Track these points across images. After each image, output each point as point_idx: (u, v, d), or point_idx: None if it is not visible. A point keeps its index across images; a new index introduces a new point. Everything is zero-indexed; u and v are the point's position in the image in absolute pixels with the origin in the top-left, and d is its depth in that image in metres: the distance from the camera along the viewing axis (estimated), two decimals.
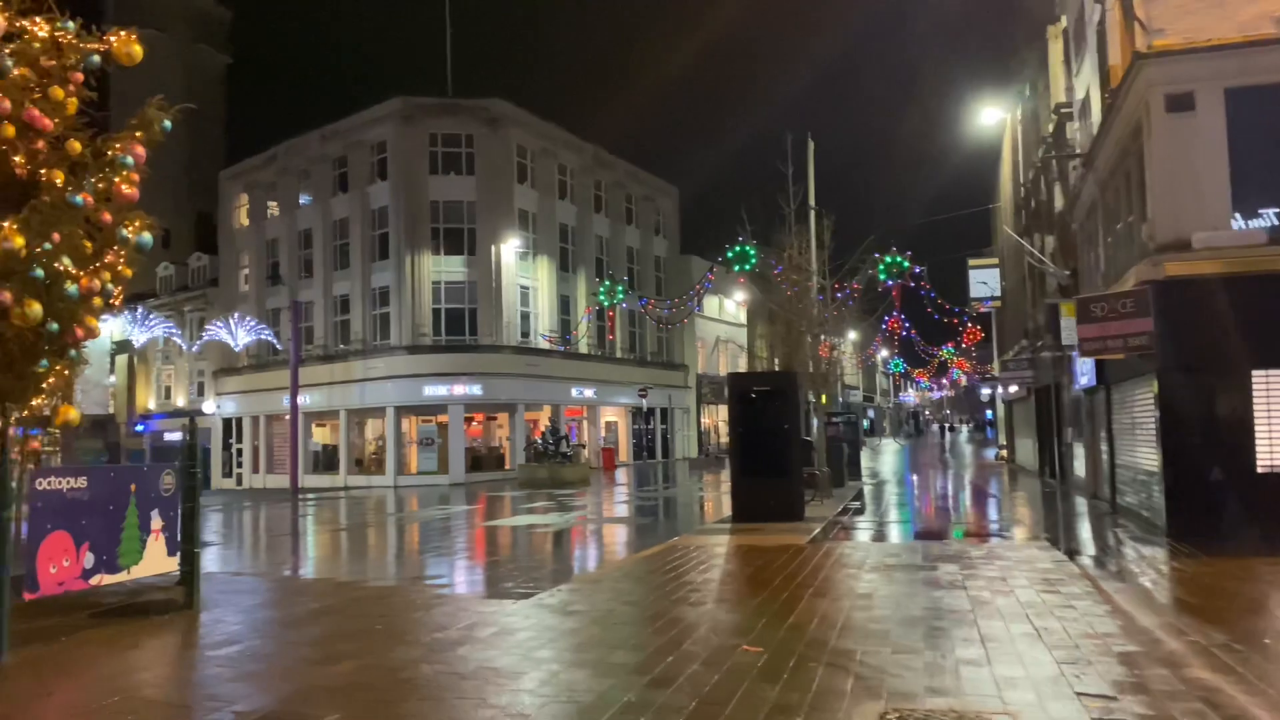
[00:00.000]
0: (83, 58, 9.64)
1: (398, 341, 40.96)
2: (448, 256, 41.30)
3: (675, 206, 58.06)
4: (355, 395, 41.85)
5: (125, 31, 9.72)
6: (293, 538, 20.19)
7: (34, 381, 9.41)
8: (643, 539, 16.12)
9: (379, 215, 42.27)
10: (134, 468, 8.49)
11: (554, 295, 45.10)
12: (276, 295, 46.52)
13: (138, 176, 10.00)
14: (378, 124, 42.09)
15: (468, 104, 41.76)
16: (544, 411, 44.09)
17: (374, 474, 41.67)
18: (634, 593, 9.59)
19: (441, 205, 41.32)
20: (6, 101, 8.28)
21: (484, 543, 17.01)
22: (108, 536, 7.69)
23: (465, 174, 41.66)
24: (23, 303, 8.35)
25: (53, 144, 9.32)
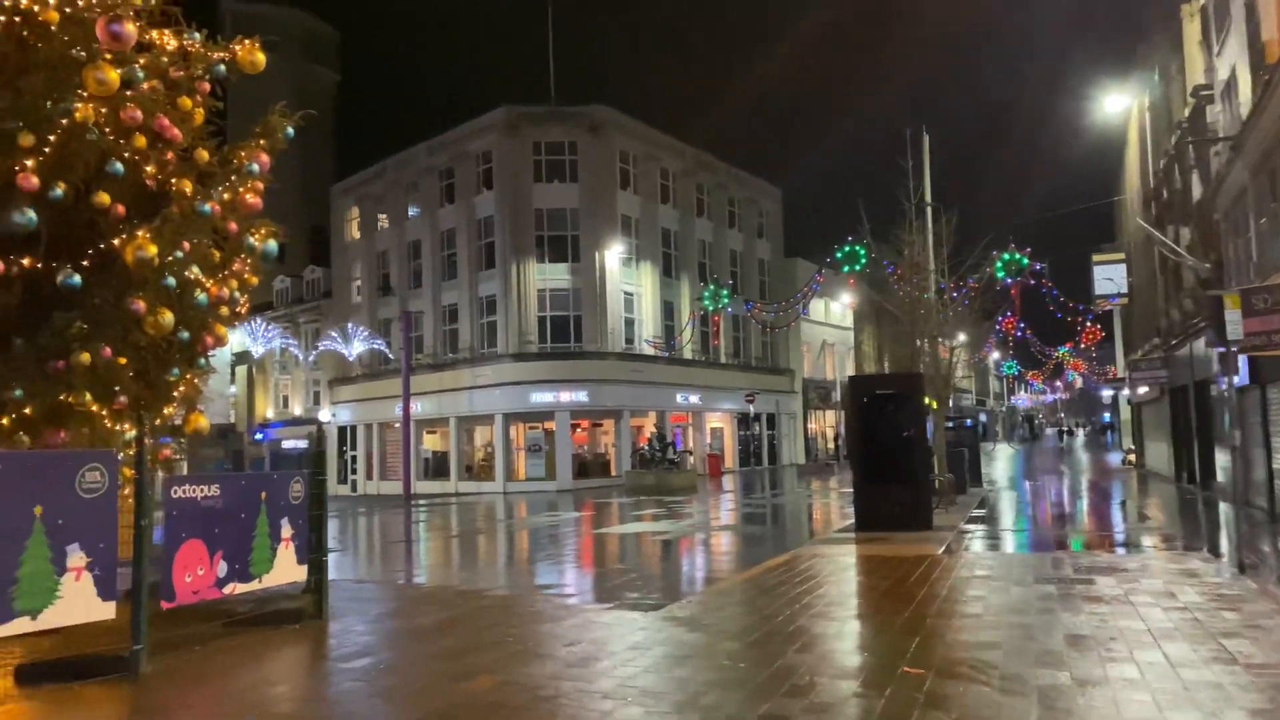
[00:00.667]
0: (209, 67, 9.71)
1: (504, 349, 41.31)
2: (552, 264, 41.48)
3: (779, 208, 57.24)
4: (464, 403, 42.36)
5: (249, 40, 9.75)
6: (410, 544, 20.34)
7: (166, 390, 9.49)
8: (762, 548, 15.61)
9: (485, 225, 42.76)
10: (264, 475, 8.44)
11: (657, 301, 44.86)
12: (387, 306, 47.54)
13: (262, 185, 10.04)
14: (482, 134, 42.60)
15: (570, 111, 41.91)
16: (649, 418, 43.85)
17: (484, 480, 42.09)
18: (768, 606, 9.12)
19: (545, 213, 41.55)
20: (138, 112, 8.33)
21: (599, 551, 16.76)
22: (240, 545, 7.63)
23: (569, 181, 41.80)
24: (156, 311, 8.38)
25: (181, 154, 9.39)
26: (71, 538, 6.12)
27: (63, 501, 6.10)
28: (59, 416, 8.27)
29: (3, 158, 7.88)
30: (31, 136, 7.94)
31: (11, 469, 5.93)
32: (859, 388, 16.99)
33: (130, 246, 7.95)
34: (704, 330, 47.71)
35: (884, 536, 14.92)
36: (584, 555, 16.18)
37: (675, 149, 47.23)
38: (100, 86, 7.85)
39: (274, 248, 9.94)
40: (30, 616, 5.86)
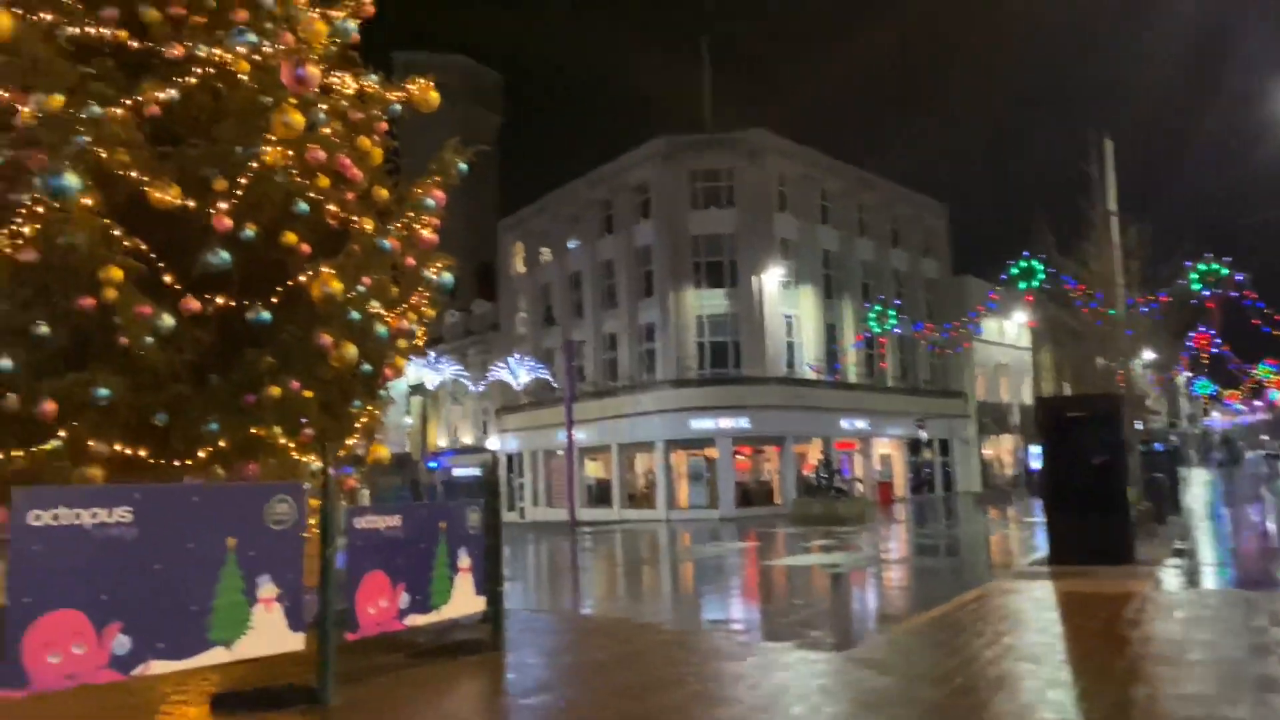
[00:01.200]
0: (386, 108, 10.00)
1: (664, 376, 41.36)
2: (709, 290, 41.34)
3: (945, 225, 55.21)
4: (625, 430, 42.60)
5: (422, 80, 9.98)
6: (579, 572, 20.38)
7: (349, 422, 9.72)
8: (944, 583, 14.72)
9: (643, 253, 43.09)
10: (443, 505, 8.47)
11: (819, 324, 43.94)
12: (551, 336, 48.55)
13: (437, 221, 10.23)
14: (640, 165, 43.06)
15: (727, 138, 41.84)
16: (813, 445, 42.87)
17: (646, 508, 42.11)
18: (964, 648, 8.44)
19: (702, 239, 41.50)
20: (321, 153, 8.61)
21: (770, 583, 16.24)
22: (420, 576, 7.64)
23: (725, 207, 41.66)
24: (340, 345, 8.59)
25: (361, 193, 9.66)
26: (262, 569, 6.21)
27: (254, 533, 6.21)
28: (250, 449, 8.55)
29: (199, 202, 8.24)
30: (225, 181, 8.29)
31: (208, 501, 6.08)
32: (1049, 410, 15.87)
33: (316, 283, 8.18)
34: (869, 353, 46.37)
35: (1082, 571, 13.77)
36: (755, 588, 15.72)
37: (834, 169, 46.35)
38: (287, 130, 8.14)
39: (449, 280, 10.09)
40: (225, 647, 5.96)
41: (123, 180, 8.03)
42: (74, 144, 7.56)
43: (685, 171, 41.72)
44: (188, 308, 7.91)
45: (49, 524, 5.32)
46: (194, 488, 6.64)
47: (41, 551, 5.30)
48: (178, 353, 8.18)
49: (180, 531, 5.82)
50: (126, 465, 7.94)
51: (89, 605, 5.41)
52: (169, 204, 7.97)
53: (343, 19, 9.86)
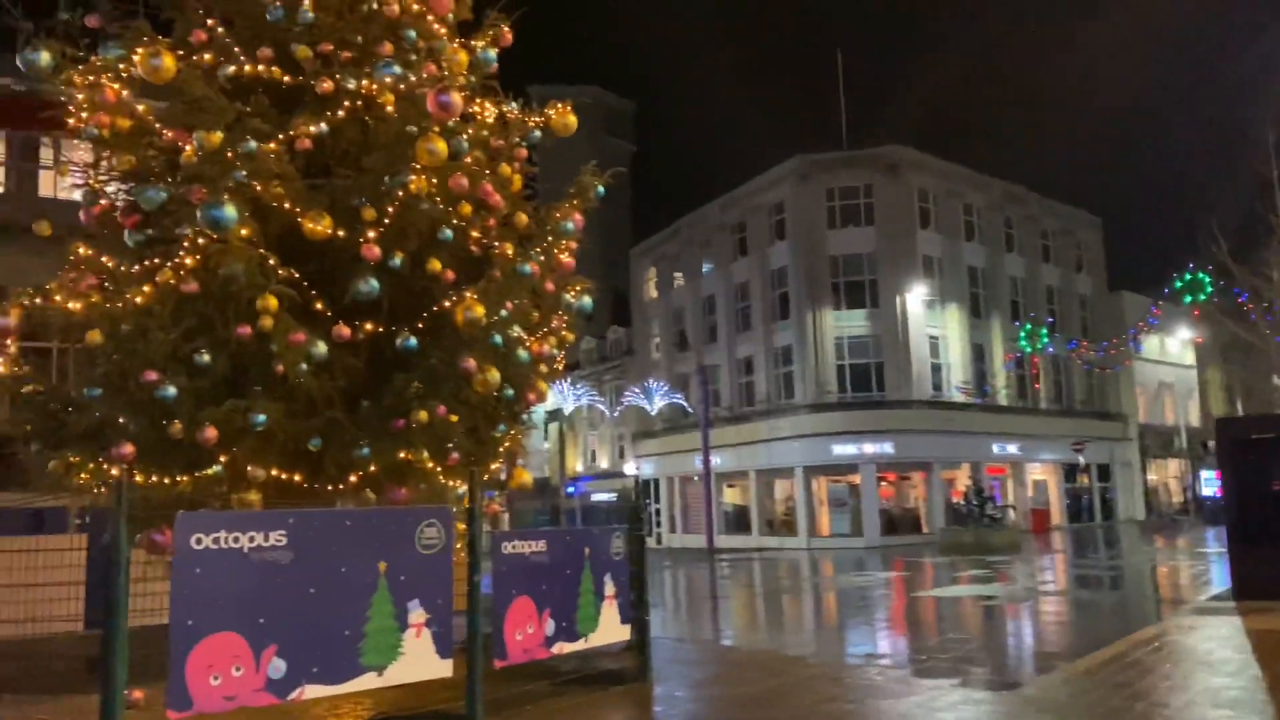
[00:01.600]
0: (525, 134, 10.05)
1: (802, 400, 40.56)
2: (849, 311, 40.39)
3: (1099, 238, 52.39)
4: (763, 456, 41.95)
5: (561, 104, 10.00)
6: (719, 601, 20.00)
7: (493, 446, 9.73)
8: (1113, 619, 13.67)
9: (778, 275, 42.53)
10: (587, 530, 8.34)
11: (966, 344, 42.29)
12: (684, 361, 48.44)
13: (575, 245, 10.19)
14: (775, 186, 42.63)
15: (865, 154, 40.98)
16: (962, 470, 41.17)
17: (785, 535, 41.28)
18: (1151, 692, 7.69)
19: (841, 259, 40.66)
20: (465, 180, 8.67)
21: (922, 616, 15.47)
22: (566, 602, 7.50)
23: (864, 225, 40.73)
24: (484, 369, 8.58)
25: (502, 219, 9.71)
26: (412, 594, 6.18)
27: (404, 557, 6.19)
28: (399, 473, 8.63)
29: (349, 232, 8.42)
30: (373, 210, 8.45)
31: (360, 526, 6.10)
32: (1231, 432, 14.62)
33: (460, 308, 8.21)
34: (1020, 374, 44.29)
35: (1272, 606, 12.55)
36: (906, 620, 14.99)
37: (978, 182, 44.70)
38: (431, 157, 8.22)
39: (588, 303, 10.02)
40: (376, 672, 5.94)
41: (277, 212, 8.28)
42: (232, 178, 7.84)
43: (821, 190, 41.02)
44: (339, 335, 8.05)
45: (209, 547, 5.41)
46: (346, 512, 6.70)
47: (203, 575, 5.38)
48: (330, 379, 8.34)
49: (333, 556, 5.84)
50: (282, 490, 8.13)
51: (247, 628, 5.46)
52: (321, 234, 8.15)
53: (483, 48, 9.99)
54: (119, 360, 7.74)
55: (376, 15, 9.44)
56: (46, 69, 8.10)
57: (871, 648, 11.84)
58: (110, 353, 7.84)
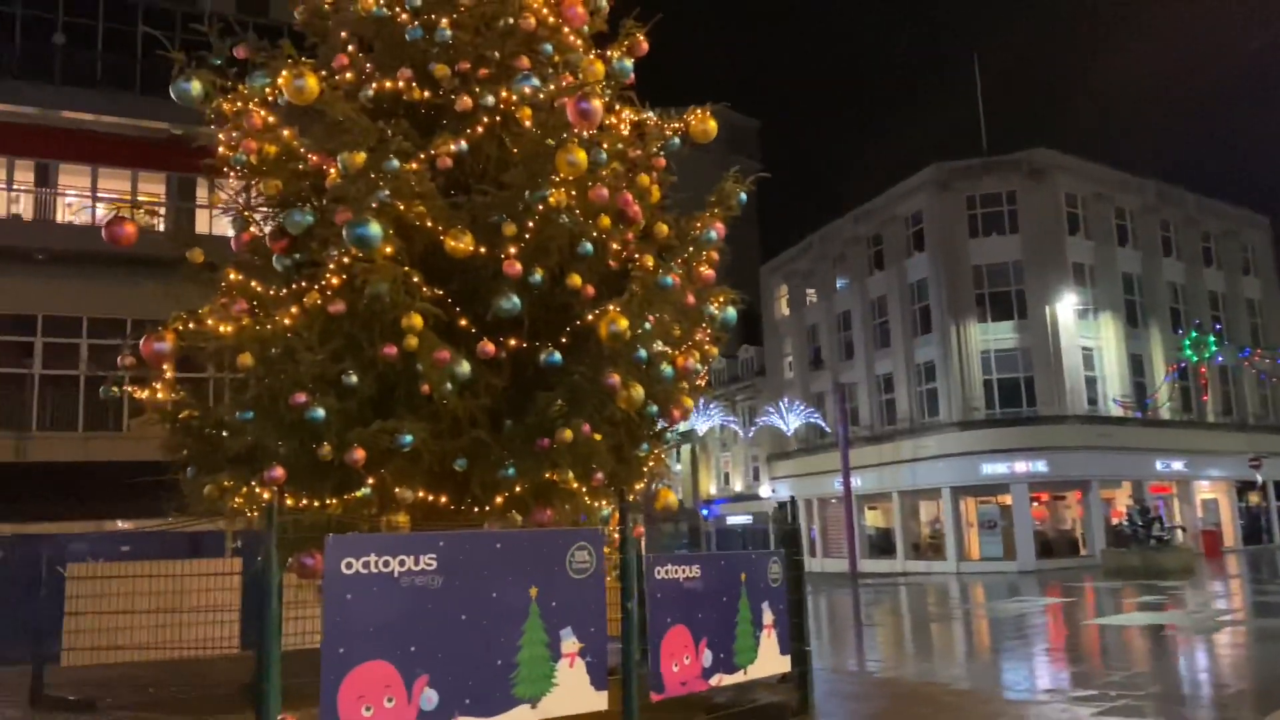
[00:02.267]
0: (664, 143, 9.75)
1: (947, 418, 38.93)
2: (995, 323, 38.61)
3: (1268, 239, 48.61)
4: (907, 476, 40.44)
5: (700, 110, 9.64)
6: (870, 628, 19.09)
7: (637, 466, 9.40)
8: None
9: (917, 288, 41.10)
10: (743, 555, 7.88)
11: (1122, 355, 39.77)
12: (819, 379, 47.33)
13: (716, 255, 9.81)
14: (910, 196, 41.31)
15: (1006, 159, 39.25)
16: (1122, 489, 38.69)
17: (932, 559, 39.60)
18: None
19: (984, 269, 38.96)
20: (605, 190, 8.41)
21: (1097, 646, 14.26)
22: (723, 632, 7.05)
23: (1008, 233, 38.95)
24: (628, 386, 8.26)
25: (641, 231, 9.42)
26: (564, 621, 5.86)
27: (555, 583, 5.87)
28: (544, 494, 8.39)
29: (490, 249, 8.26)
30: (513, 226, 8.27)
31: (510, 548, 5.82)
32: None
33: (604, 321, 7.91)
34: (1185, 385, 41.35)
35: None
36: (1079, 651, 13.84)
37: (1130, 185, 42.16)
38: (571, 169, 7.99)
39: (733, 315, 9.61)
40: (530, 705, 5.62)
41: (419, 231, 8.20)
42: (376, 198, 7.79)
43: (961, 198, 39.44)
44: (484, 351, 7.88)
45: (360, 572, 5.21)
46: (496, 534, 6.44)
47: (353, 600, 5.19)
48: (474, 398, 8.18)
49: (484, 580, 5.57)
50: (429, 512, 7.99)
51: (398, 656, 5.24)
52: (462, 252, 8.01)
53: (618, 59, 9.74)
54: (269, 383, 7.77)
55: (513, 30, 9.34)
56: (197, 98, 8.28)
57: (1051, 682, 10.89)
58: (260, 375, 7.87)
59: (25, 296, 22.22)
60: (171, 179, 24.61)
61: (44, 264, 22.47)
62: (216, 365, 8.88)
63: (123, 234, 8.39)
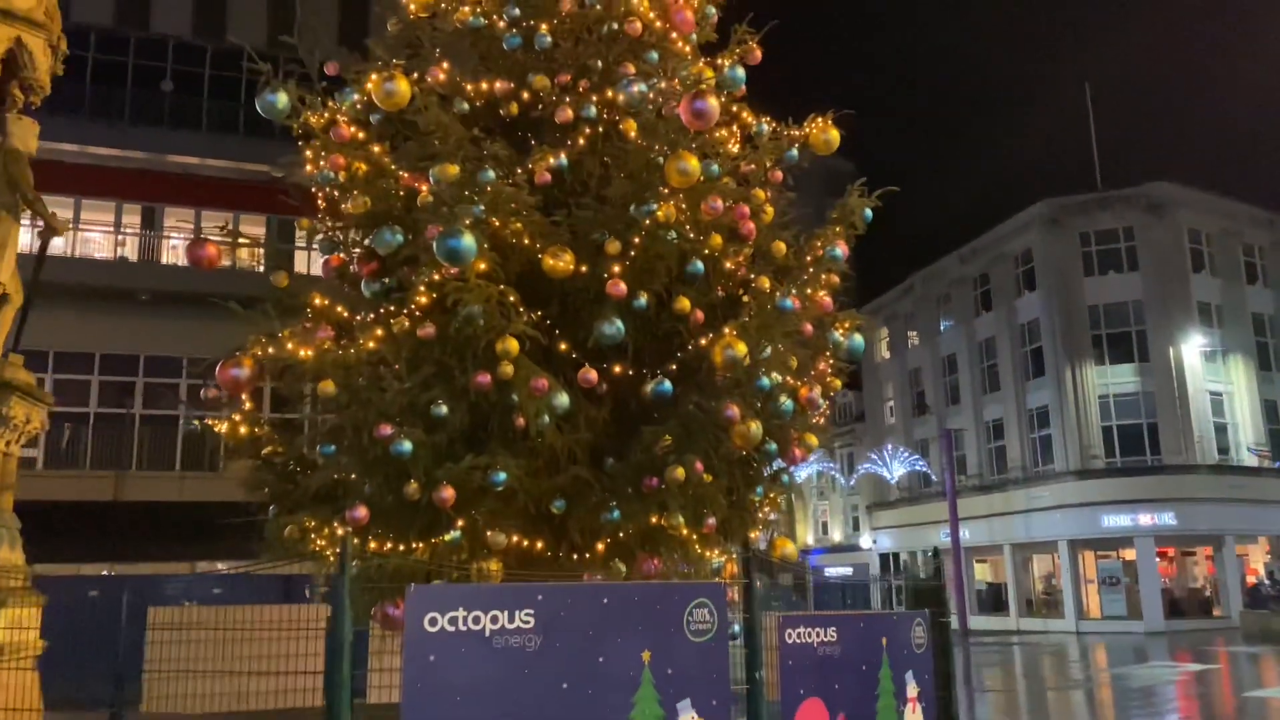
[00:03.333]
0: (780, 155, 8.91)
1: (1063, 466, 36.72)
2: (1114, 366, 36.44)
3: None
4: (1019, 528, 38.21)
5: (820, 119, 8.77)
6: (983, 695, 17.53)
7: (752, 510, 8.47)
8: None
9: (1028, 330, 39.17)
10: (883, 616, 6.86)
11: (1256, 400, 37.05)
12: (924, 425, 45.44)
13: (838, 279, 8.90)
14: (1019, 233, 39.56)
15: (1122, 194, 37.30)
16: (1259, 544, 35.80)
17: (1048, 617, 37.19)
18: None
19: (1101, 309, 36.89)
20: (719, 201, 7.61)
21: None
22: (863, 706, 6.02)
23: (1126, 271, 36.88)
24: (744, 419, 7.35)
25: (756, 249, 8.59)
26: (682, 691, 4.95)
27: (671, 646, 4.98)
28: (651, 541, 7.52)
29: (591, 269, 7.52)
30: (617, 243, 7.52)
31: (619, 605, 4.95)
32: None
33: (719, 346, 7.05)
34: None
35: None
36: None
37: (1259, 219, 39.60)
38: (682, 178, 7.20)
39: (860, 343, 8.66)
40: None
41: (515, 249, 7.52)
42: (470, 213, 7.11)
43: (1074, 235, 37.54)
44: (586, 379, 7.10)
45: (445, 629, 4.41)
46: (603, 588, 5.57)
47: (437, 662, 4.38)
48: (573, 432, 7.40)
49: (589, 641, 4.71)
50: (523, 559, 7.18)
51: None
52: (562, 271, 7.27)
53: (730, 66, 8.92)
54: (353, 412, 7.10)
55: (617, 36, 8.65)
56: (283, 111, 7.76)
57: None
58: (343, 404, 7.22)
59: (128, 337, 22.55)
60: (271, 221, 24.86)
61: (148, 304, 22.81)
62: (298, 395, 8.31)
63: (205, 255, 7.92)
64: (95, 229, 25.76)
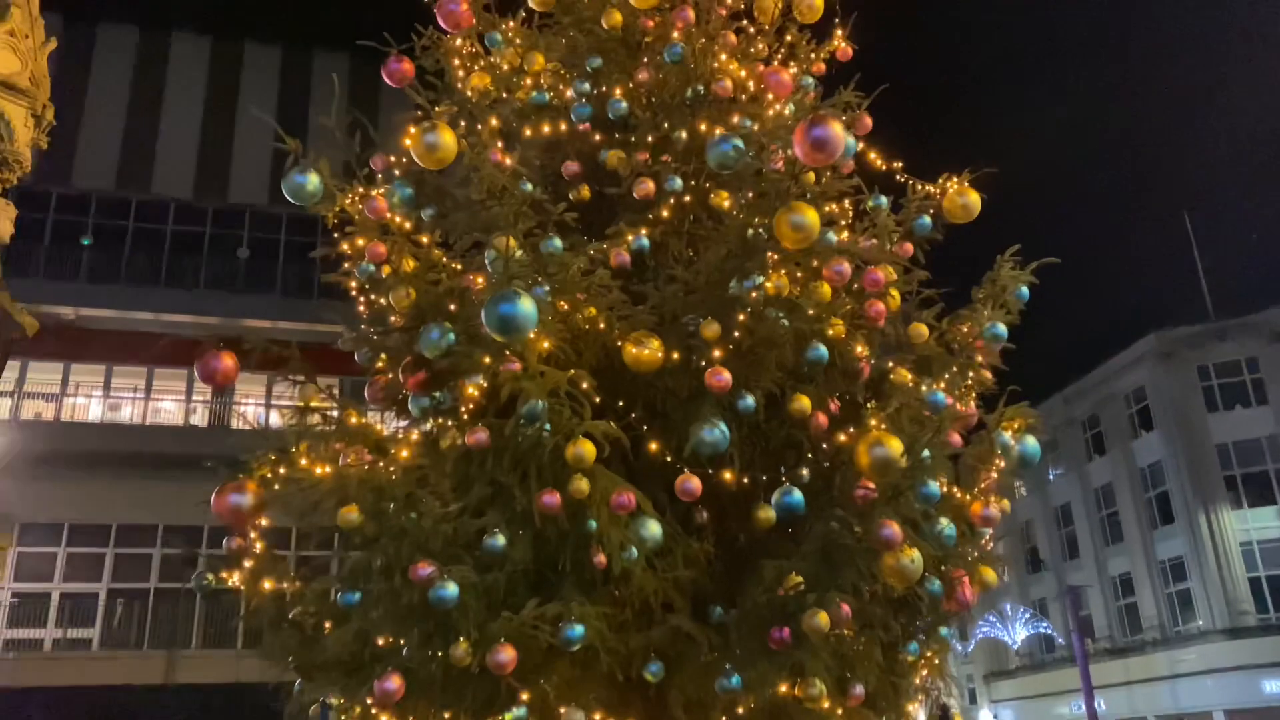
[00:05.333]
0: (908, 225, 7.34)
1: (1209, 625, 32.79)
2: (1254, 509, 32.99)
3: None
4: (1164, 697, 33.92)
5: (955, 179, 7.21)
6: None
7: (908, 674, 6.44)
8: None
9: (1150, 474, 36.06)
10: None
11: None
12: (1040, 583, 41.74)
13: (989, 374, 7.15)
14: (1129, 370, 37.06)
15: (1242, 323, 34.79)
16: None
17: None
18: None
19: (1231, 448, 33.80)
20: (845, 264, 6.05)
21: None
22: None
23: (1255, 405, 33.95)
24: (900, 547, 5.46)
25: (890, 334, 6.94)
26: None
27: None
28: (781, 716, 5.55)
29: (684, 358, 5.95)
30: (715, 325, 5.94)
31: None
32: None
33: (863, 443, 5.26)
34: None
35: None
36: None
37: None
38: (797, 235, 5.63)
39: (1034, 448, 6.70)
40: None
41: (589, 336, 5.97)
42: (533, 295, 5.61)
43: (1191, 369, 34.93)
44: (686, 490, 5.38)
45: None
46: None
47: None
48: (670, 570, 5.61)
49: None
50: None
51: None
52: (648, 363, 5.69)
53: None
54: (382, 545, 5.42)
55: (703, 101, 7.37)
56: (314, 195, 6.43)
57: None
58: (371, 536, 5.55)
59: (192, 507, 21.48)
60: (344, 382, 24.09)
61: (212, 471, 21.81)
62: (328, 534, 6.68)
63: (218, 368, 6.51)
64: (167, 398, 25.34)
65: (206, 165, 26.27)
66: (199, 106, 26.49)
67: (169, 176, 25.37)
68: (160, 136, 25.96)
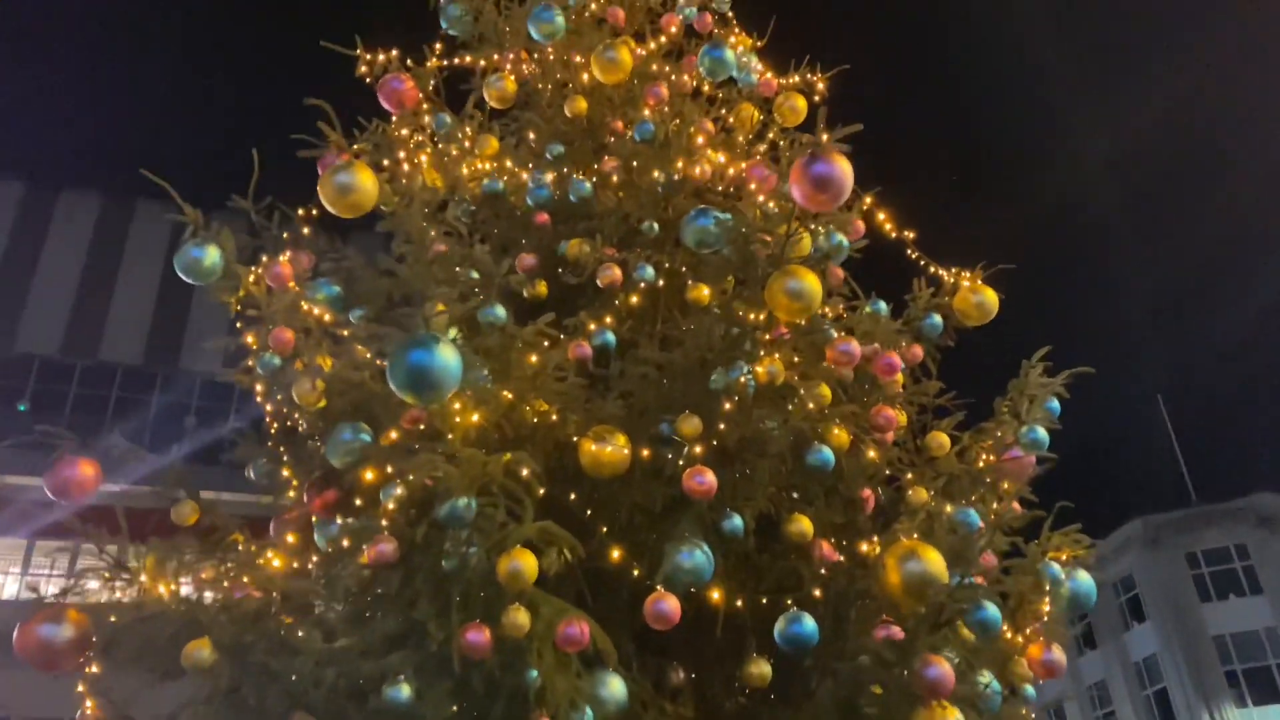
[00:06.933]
0: (915, 328, 6.29)
1: None
2: (1261, 707, 30.94)
3: None
4: None
5: (968, 274, 6.24)
6: None
7: None
8: None
9: (1146, 668, 34.03)
10: None
11: None
12: None
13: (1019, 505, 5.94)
14: (1116, 558, 35.70)
15: (1226, 508, 33.84)
16: None
17: None
18: None
19: (1229, 640, 32.00)
20: (854, 346, 4.94)
21: None
22: None
23: (1249, 594, 32.51)
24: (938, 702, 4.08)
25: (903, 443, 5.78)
26: None
27: None
28: None
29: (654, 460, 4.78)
30: (696, 419, 4.79)
31: None
32: None
33: (893, 557, 4.00)
34: None
35: None
36: None
37: None
38: (795, 305, 4.66)
39: (1088, 585, 5.39)
40: None
41: (539, 430, 4.77)
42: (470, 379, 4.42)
43: (1180, 556, 33.69)
44: (659, 613, 4.05)
45: None
46: None
47: None
48: None
49: None
50: None
51: None
52: (611, 464, 4.50)
53: (827, 234, 6.54)
54: (240, 697, 3.95)
55: (677, 186, 6.47)
56: (211, 273, 5.27)
57: None
58: (232, 683, 4.06)
59: None
60: None
61: None
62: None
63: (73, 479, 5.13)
64: None
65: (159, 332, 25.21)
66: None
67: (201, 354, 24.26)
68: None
